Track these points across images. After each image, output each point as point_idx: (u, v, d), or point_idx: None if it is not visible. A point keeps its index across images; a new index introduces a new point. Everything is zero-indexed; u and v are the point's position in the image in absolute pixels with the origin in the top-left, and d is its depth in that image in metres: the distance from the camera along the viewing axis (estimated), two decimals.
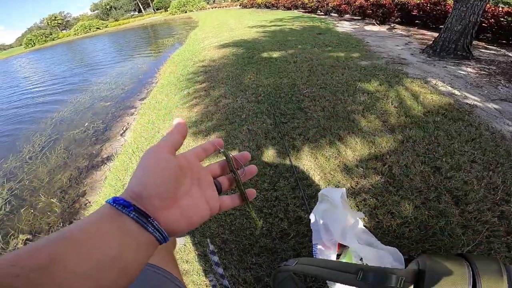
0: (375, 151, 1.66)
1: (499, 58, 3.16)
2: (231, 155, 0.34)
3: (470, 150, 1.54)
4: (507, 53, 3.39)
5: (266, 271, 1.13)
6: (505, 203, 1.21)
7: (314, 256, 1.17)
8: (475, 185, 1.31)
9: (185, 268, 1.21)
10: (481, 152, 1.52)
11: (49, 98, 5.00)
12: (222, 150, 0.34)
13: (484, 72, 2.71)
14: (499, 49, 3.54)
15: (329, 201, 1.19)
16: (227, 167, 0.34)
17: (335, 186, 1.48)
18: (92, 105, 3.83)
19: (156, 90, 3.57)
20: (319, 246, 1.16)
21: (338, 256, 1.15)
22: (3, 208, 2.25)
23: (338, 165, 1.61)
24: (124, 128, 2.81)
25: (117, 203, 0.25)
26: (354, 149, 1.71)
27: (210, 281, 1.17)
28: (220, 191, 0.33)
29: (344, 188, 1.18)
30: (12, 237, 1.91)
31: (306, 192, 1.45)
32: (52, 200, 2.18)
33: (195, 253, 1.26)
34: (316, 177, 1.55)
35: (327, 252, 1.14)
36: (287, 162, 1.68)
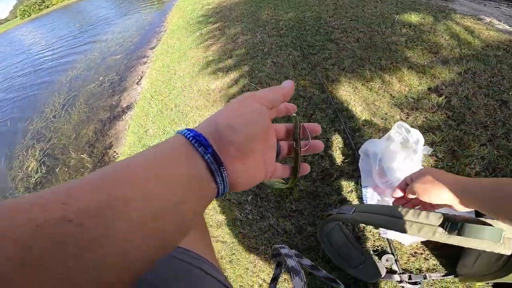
0: (427, 81, 1.42)
1: None
2: (302, 123, 0.31)
3: None
4: None
5: (308, 219, 1.02)
6: None
7: (365, 201, 1.03)
8: None
9: (218, 219, 1.14)
10: None
11: (63, 53, 4.91)
12: (294, 114, 0.31)
13: None
14: None
15: (391, 139, 0.98)
16: (291, 133, 0.31)
17: (381, 118, 1.31)
18: (104, 60, 3.69)
19: (167, 36, 3.32)
20: (369, 189, 1.02)
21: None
22: (39, 170, 2.30)
23: (382, 96, 1.40)
24: (139, 77, 2.70)
25: (196, 139, 0.21)
26: (400, 79, 1.48)
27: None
28: (277, 156, 0.29)
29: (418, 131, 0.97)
30: None
31: (348, 125, 1.29)
32: (82, 155, 2.21)
33: (228, 201, 1.18)
34: (358, 108, 1.37)
35: (380, 197, 0.99)
36: (322, 93, 1.51)
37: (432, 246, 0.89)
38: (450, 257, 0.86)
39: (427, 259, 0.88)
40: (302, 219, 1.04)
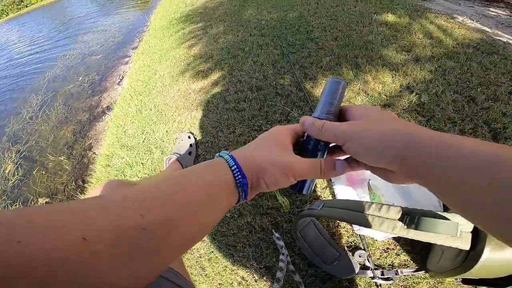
0: (400, 79, 1.49)
1: None
2: None
3: (507, 81, 1.37)
4: None
5: (285, 216, 1.05)
6: None
7: (336, 197, 1.06)
8: None
9: None
10: None
11: (41, 53, 4.74)
12: None
13: None
14: None
15: None
16: None
17: None
18: (83, 60, 3.58)
19: (148, 36, 3.26)
20: (338, 185, 1.05)
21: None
22: (15, 173, 2.22)
23: (357, 93, 1.45)
24: (121, 77, 2.64)
25: (242, 187, 0.27)
26: (375, 77, 1.54)
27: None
28: None
29: None
30: (32, 202, 1.91)
31: None
32: (60, 158, 2.15)
33: None
34: None
35: (348, 192, 1.03)
36: (300, 91, 1.54)
37: (403, 242, 0.91)
38: (420, 253, 0.88)
39: (399, 255, 0.89)
40: (278, 216, 1.06)
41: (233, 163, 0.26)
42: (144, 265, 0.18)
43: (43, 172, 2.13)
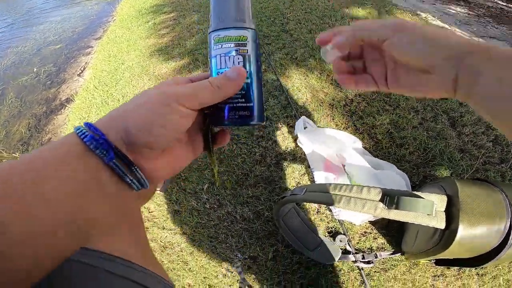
0: None
1: (488, 3, 3.06)
2: None
3: None
4: (496, 0, 3.27)
5: (265, 204, 1.03)
6: None
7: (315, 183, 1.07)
8: (470, 106, 1.26)
9: (174, 209, 1.09)
10: None
11: None
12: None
13: (473, 13, 2.65)
14: None
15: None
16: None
17: (329, 104, 1.38)
18: (39, 51, 3.23)
19: (115, 25, 3.04)
20: (316, 172, 1.06)
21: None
22: None
23: (330, 83, 1.48)
24: (82, 68, 2.41)
25: (100, 148, 0.18)
26: None
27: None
28: None
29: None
30: None
31: (299, 111, 1.34)
32: (14, 154, 1.92)
33: (183, 191, 1.13)
34: (308, 95, 1.44)
35: (326, 178, 1.04)
36: (276, 81, 1.52)
37: (379, 226, 0.94)
38: (395, 236, 0.92)
39: (376, 238, 0.93)
40: (259, 204, 1.04)
41: (82, 126, 0.19)
42: None
43: None
